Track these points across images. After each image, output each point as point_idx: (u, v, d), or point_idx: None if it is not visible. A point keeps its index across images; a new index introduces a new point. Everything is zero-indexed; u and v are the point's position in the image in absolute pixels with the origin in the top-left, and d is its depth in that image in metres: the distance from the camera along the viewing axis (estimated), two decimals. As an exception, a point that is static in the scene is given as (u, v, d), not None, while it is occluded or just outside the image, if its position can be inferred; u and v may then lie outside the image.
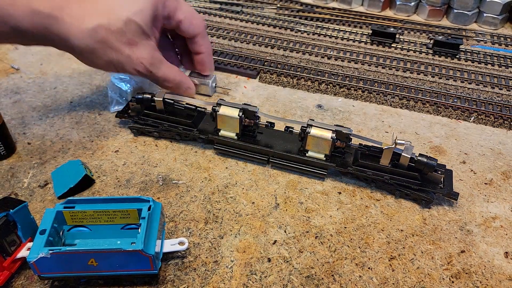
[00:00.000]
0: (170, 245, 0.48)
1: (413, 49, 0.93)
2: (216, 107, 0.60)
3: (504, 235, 0.55)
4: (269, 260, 0.50)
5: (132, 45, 0.58)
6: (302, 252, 0.51)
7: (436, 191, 0.57)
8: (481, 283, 0.49)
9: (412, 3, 1.05)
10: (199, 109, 0.65)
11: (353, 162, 0.60)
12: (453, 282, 0.49)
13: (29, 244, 0.45)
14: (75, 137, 0.66)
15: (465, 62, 0.90)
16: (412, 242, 0.53)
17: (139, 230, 0.44)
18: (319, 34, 0.97)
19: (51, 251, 0.41)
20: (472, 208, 0.58)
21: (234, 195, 0.58)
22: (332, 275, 0.49)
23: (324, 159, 0.60)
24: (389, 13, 1.08)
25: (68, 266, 0.43)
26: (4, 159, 0.61)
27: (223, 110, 0.60)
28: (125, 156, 0.63)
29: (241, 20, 1.00)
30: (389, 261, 0.51)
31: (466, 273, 0.50)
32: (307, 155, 0.60)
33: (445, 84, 0.82)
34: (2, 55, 0.85)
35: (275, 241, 0.52)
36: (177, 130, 0.64)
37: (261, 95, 0.78)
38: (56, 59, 0.84)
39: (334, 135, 0.57)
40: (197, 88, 0.76)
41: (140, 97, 0.63)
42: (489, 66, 0.89)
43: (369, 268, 0.50)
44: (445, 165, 0.59)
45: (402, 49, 0.93)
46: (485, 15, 1.02)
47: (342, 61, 0.88)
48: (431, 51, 0.92)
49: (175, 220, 0.54)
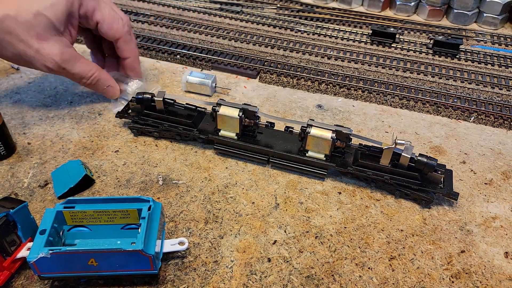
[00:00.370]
0: (170, 245, 0.48)
1: (413, 49, 0.93)
2: (216, 107, 0.60)
3: (504, 235, 0.55)
4: (269, 260, 0.50)
5: (42, 40, 0.57)
6: (302, 252, 0.51)
7: (436, 191, 0.57)
8: (481, 283, 0.49)
9: (412, 3, 1.05)
10: (199, 109, 0.65)
11: (353, 162, 0.60)
12: (453, 282, 0.49)
13: (29, 244, 0.45)
14: (75, 137, 0.66)
15: (465, 62, 0.90)
16: (412, 242, 0.53)
17: (139, 230, 0.44)
18: (319, 34, 0.97)
19: (51, 251, 0.41)
20: (472, 208, 0.58)
21: (234, 195, 0.58)
22: (332, 275, 0.49)
23: (324, 159, 0.60)
24: (389, 13, 1.08)
25: (68, 266, 0.43)
26: (4, 159, 0.61)
27: (223, 110, 0.60)
28: (125, 156, 0.63)
29: (241, 20, 1.00)
30: (389, 261, 0.51)
31: (466, 273, 0.50)
32: (307, 155, 0.60)
33: (445, 84, 0.82)
34: (2, 55, 0.85)
35: (275, 241, 0.52)
36: (177, 130, 0.64)
37: (261, 95, 0.78)
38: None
39: (334, 135, 0.57)
40: (199, 90, 0.76)
41: (140, 97, 0.63)
42: (489, 66, 0.89)
43: (369, 268, 0.50)
44: (445, 165, 0.59)
45: (402, 49, 0.93)
46: (485, 15, 1.02)
47: (342, 61, 0.88)
48: (431, 51, 0.92)
49: (175, 220, 0.54)
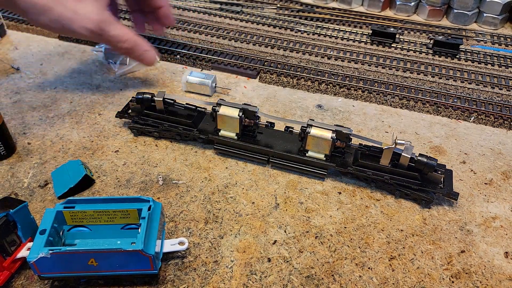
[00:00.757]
0: (170, 245, 0.48)
1: (413, 49, 0.93)
2: (216, 107, 0.60)
3: (504, 235, 0.55)
4: (269, 260, 0.50)
5: (79, 0, 0.56)
6: (302, 252, 0.51)
7: (436, 191, 0.57)
8: (481, 283, 0.49)
9: (412, 3, 1.05)
10: (199, 109, 0.65)
11: (353, 162, 0.60)
12: (453, 282, 0.49)
13: (29, 244, 0.45)
14: (75, 137, 0.66)
15: (465, 62, 0.90)
16: (412, 242, 0.53)
17: (139, 230, 0.44)
18: (319, 34, 0.97)
19: (51, 251, 0.41)
20: (472, 208, 0.58)
21: (234, 195, 0.58)
22: (332, 275, 0.49)
23: (324, 159, 0.60)
24: (389, 13, 1.08)
25: (68, 266, 0.43)
26: (4, 159, 0.61)
27: (223, 110, 0.60)
28: (125, 156, 0.63)
29: (241, 20, 1.00)
30: (389, 261, 0.51)
31: (466, 273, 0.50)
32: (307, 155, 0.60)
33: (445, 84, 0.82)
34: (2, 55, 0.85)
35: (275, 241, 0.52)
36: (177, 130, 0.64)
37: (261, 95, 0.78)
38: (56, 59, 0.84)
39: (334, 135, 0.57)
40: (199, 90, 0.76)
41: (140, 97, 0.63)
42: (489, 66, 0.89)
43: (369, 268, 0.50)
44: (445, 165, 0.59)
45: (402, 49, 0.93)
46: (485, 15, 1.02)
47: (342, 61, 0.88)
48: (431, 51, 0.92)
49: (175, 220, 0.54)
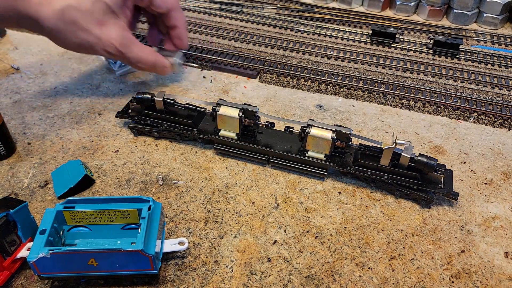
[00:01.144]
0: (170, 245, 0.48)
1: (413, 49, 0.93)
2: (216, 107, 0.60)
3: (504, 235, 0.55)
4: (269, 260, 0.50)
5: (102, 25, 0.58)
6: (302, 252, 0.51)
7: (436, 191, 0.57)
8: (481, 283, 0.49)
9: (412, 3, 1.05)
10: (199, 109, 0.65)
11: (353, 162, 0.60)
12: (453, 282, 0.49)
13: (29, 244, 0.45)
14: (75, 137, 0.66)
15: (465, 62, 0.90)
16: (412, 242, 0.53)
17: (139, 230, 0.44)
18: (319, 34, 0.97)
19: (51, 251, 0.41)
20: (472, 208, 0.58)
21: (234, 195, 0.58)
22: (332, 275, 0.49)
23: (324, 159, 0.60)
24: (389, 13, 1.08)
25: (68, 266, 0.43)
26: (4, 159, 0.61)
27: (223, 110, 0.60)
28: (125, 156, 0.63)
29: (241, 20, 1.00)
30: (389, 261, 0.51)
31: (466, 273, 0.50)
32: (307, 155, 0.60)
33: (445, 84, 0.82)
34: (2, 55, 0.85)
35: (275, 241, 0.52)
36: (177, 130, 0.64)
37: (261, 95, 0.78)
38: (56, 59, 0.84)
39: (334, 135, 0.57)
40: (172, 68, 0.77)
41: (140, 97, 0.63)
42: (489, 66, 0.89)
43: (369, 268, 0.50)
44: (445, 165, 0.59)
45: (402, 49, 0.93)
46: (485, 15, 1.02)
47: (342, 61, 0.88)
48: (431, 51, 0.92)
49: (175, 220, 0.54)
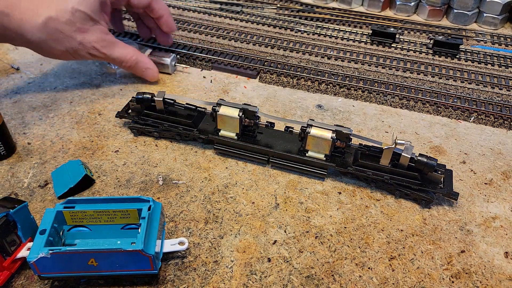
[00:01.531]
0: (170, 245, 0.48)
1: (413, 49, 0.92)
2: (216, 107, 0.60)
3: (504, 235, 0.55)
4: (269, 260, 0.50)
5: (83, 32, 0.64)
6: (302, 252, 0.51)
7: (436, 191, 0.57)
8: (481, 283, 0.49)
9: (412, 3, 1.05)
10: (199, 109, 0.65)
11: (353, 162, 0.60)
12: (453, 282, 0.49)
13: (29, 244, 0.45)
14: (75, 137, 0.66)
15: (465, 62, 0.90)
16: (412, 242, 0.53)
17: (139, 230, 0.44)
18: (319, 34, 0.97)
19: (51, 251, 0.41)
20: (472, 208, 0.58)
21: (234, 195, 0.58)
22: (332, 275, 0.49)
23: (324, 159, 0.60)
24: (389, 13, 1.08)
25: (68, 266, 0.43)
26: (4, 159, 0.61)
27: (223, 110, 0.60)
28: (125, 156, 0.63)
29: (241, 20, 1.00)
30: (389, 261, 0.51)
31: (466, 273, 0.50)
32: (307, 155, 0.60)
33: (445, 84, 0.82)
34: (2, 55, 0.85)
35: (275, 241, 0.52)
36: (177, 130, 0.64)
37: (261, 95, 0.78)
38: (56, 59, 0.84)
39: (334, 135, 0.57)
40: (159, 68, 0.79)
41: (140, 97, 0.63)
42: (489, 66, 0.89)
43: (369, 268, 0.50)
44: (445, 165, 0.59)
45: (402, 49, 0.93)
46: (485, 15, 1.02)
47: (342, 61, 0.88)
48: (431, 51, 0.92)
49: (175, 220, 0.54)
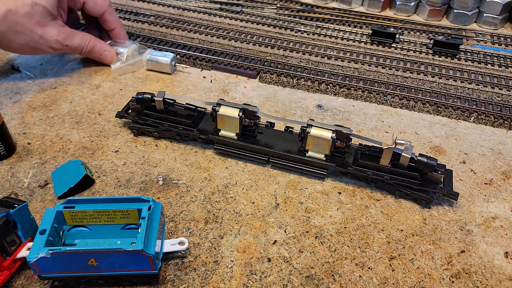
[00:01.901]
0: (170, 245, 0.48)
1: (413, 49, 0.93)
2: (216, 107, 0.60)
3: (504, 235, 0.55)
4: (269, 260, 0.50)
5: (42, 25, 0.67)
6: (302, 252, 0.51)
7: (436, 191, 0.57)
8: (481, 283, 0.49)
9: (412, 3, 1.05)
10: (199, 109, 0.65)
11: (353, 162, 0.60)
12: (453, 282, 0.49)
13: (29, 244, 0.45)
14: (75, 137, 0.66)
15: (465, 62, 0.90)
16: (412, 242, 0.53)
17: (139, 230, 0.44)
18: (319, 34, 0.97)
19: (51, 251, 0.41)
20: (472, 208, 0.58)
21: (234, 195, 0.58)
22: (332, 275, 0.49)
23: (324, 159, 0.60)
24: (389, 13, 1.08)
25: (68, 266, 0.43)
26: (4, 159, 0.61)
27: (223, 110, 0.60)
28: (125, 156, 0.63)
29: (241, 20, 1.00)
30: (389, 261, 0.51)
31: (466, 273, 0.50)
32: (307, 155, 0.60)
33: (445, 84, 0.82)
34: (2, 55, 0.85)
35: (275, 241, 0.52)
36: (177, 130, 0.64)
37: (261, 95, 0.78)
38: (56, 59, 0.84)
39: (334, 135, 0.57)
40: (160, 68, 0.81)
41: (140, 97, 0.63)
42: (489, 66, 0.89)
43: (369, 268, 0.50)
44: (445, 165, 0.59)
45: (402, 49, 0.93)
46: (485, 15, 1.02)
47: (342, 61, 0.88)
48: (431, 51, 0.92)
49: (175, 220, 0.54)
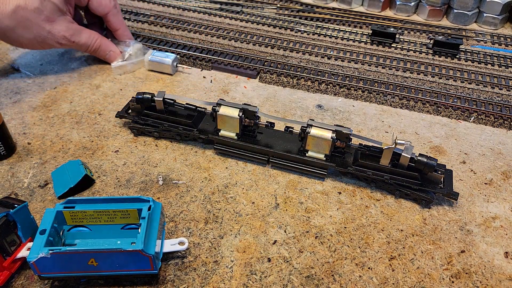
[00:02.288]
0: (170, 245, 0.48)
1: (413, 49, 0.93)
2: (216, 107, 0.60)
3: (504, 235, 0.55)
4: (269, 260, 0.50)
5: (52, 21, 0.69)
6: (302, 252, 0.51)
7: (436, 191, 0.57)
8: (481, 283, 0.49)
9: (412, 3, 1.05)
10: (199, 109, 0.65)
11: (353, 162, 0.60)
12: (453, 282, 0.49)
13: (29, 244, 0.45)
14: (75, 137, 0.66)
15: (465, 62, 0.90)
16: (412, 242, 0.53)
17: (139, 230, 0.44)
18: (319, 34, 0.97)
19: (51, 251, 0.41)
20: (472, 208, 0.58)
21: (234, 195, 0.58)
22: (332, 275, 0.49)
23: (324, 159, 0.60)
24: (389, 13, 1.08)
25: (68, 266, 0.43)
26: (4, 159, 0.61)
27: (223, 110, 0.60)
28: (125, 156, 0.63)
29: (241, 20, 1.00)
30: (389, 261, 0.51)
31: (466, 273, 0.50)
32: (307, 155, 0.60)
33: (445, 84, 0.82)
34: (2, 55, 0.85)
35: (275, 241, 0.52)
36: (177, 130, 0.64)
37: (261, 95, 0.78)
38: (56, 59, 0.84)
39: (334, 135, 0.57)
40: (161, 69, 0.81)
41: (140, 97, 0.63)
42: (489, 66, 0.89)
43: (369, 268, 0.50)
44: (445, 165, 0.59)
45: (402, 49, 0.93)
46: (485, 15, 1.02)
47: (342, 61, 0.88)
48: (431, 51, 0.92)
49: (175, 220, 0.54)
